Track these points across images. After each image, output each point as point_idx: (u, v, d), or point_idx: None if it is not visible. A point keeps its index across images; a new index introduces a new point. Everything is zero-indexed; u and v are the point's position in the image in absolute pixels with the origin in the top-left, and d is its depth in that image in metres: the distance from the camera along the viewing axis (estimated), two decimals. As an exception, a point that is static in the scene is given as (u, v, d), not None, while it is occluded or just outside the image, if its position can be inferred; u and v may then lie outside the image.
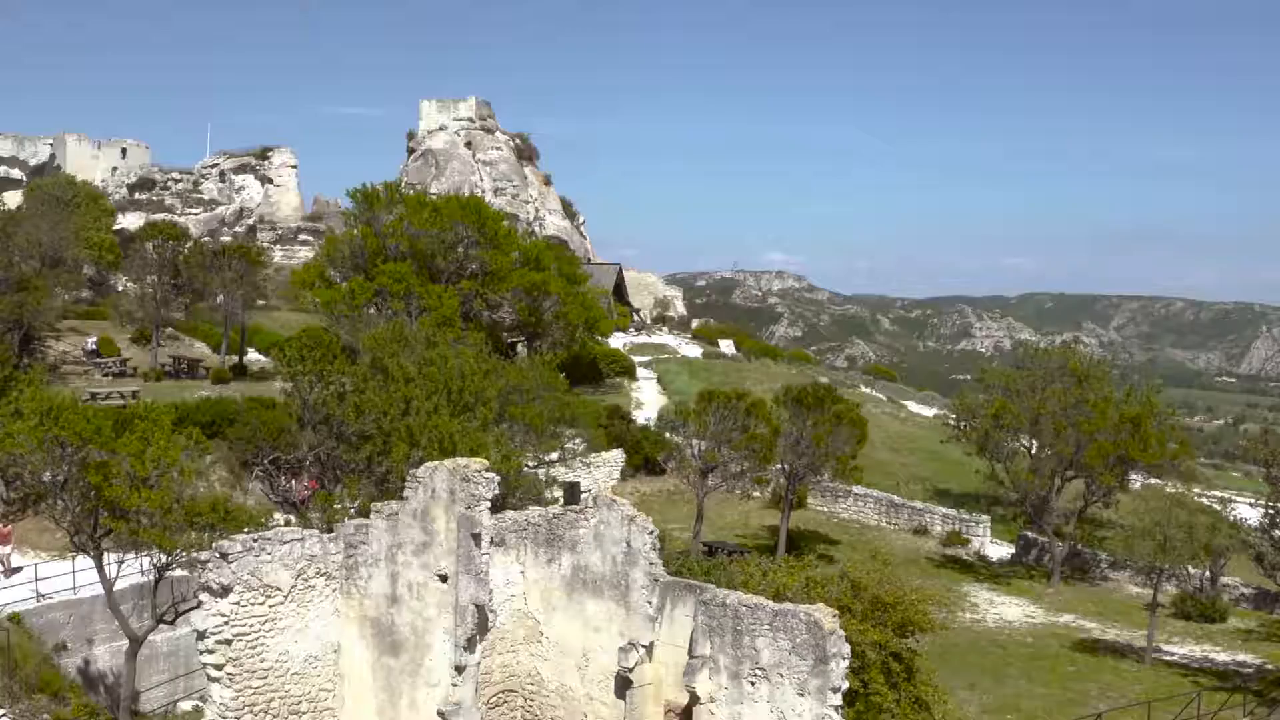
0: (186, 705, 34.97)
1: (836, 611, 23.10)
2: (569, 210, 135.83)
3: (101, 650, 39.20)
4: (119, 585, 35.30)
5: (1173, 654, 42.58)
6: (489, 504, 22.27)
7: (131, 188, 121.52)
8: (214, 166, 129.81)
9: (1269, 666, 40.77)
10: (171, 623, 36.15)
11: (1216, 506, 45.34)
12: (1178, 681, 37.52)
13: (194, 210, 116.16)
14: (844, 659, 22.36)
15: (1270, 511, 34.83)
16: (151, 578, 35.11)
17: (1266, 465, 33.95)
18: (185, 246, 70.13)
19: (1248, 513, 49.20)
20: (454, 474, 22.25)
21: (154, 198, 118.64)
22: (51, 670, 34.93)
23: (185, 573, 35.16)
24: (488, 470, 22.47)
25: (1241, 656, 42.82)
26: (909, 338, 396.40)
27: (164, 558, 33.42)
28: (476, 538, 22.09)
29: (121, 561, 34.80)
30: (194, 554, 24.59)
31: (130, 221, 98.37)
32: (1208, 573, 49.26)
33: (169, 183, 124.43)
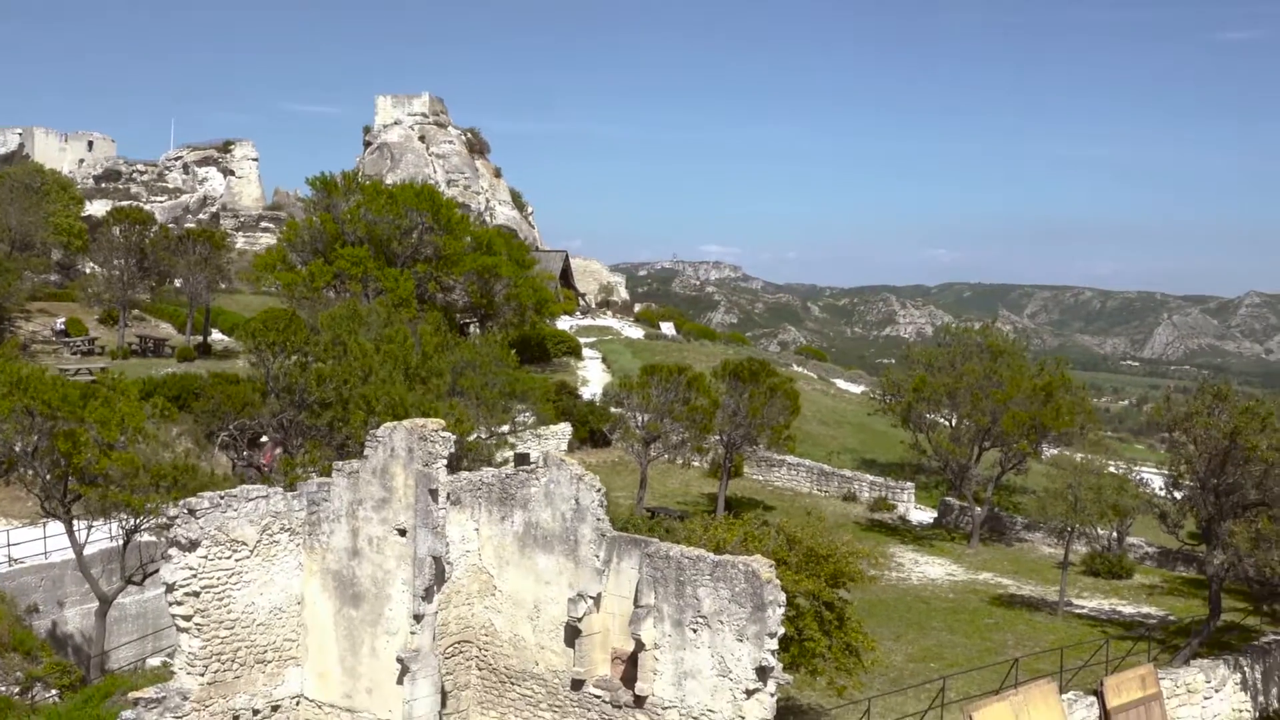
0: (155, 661, 34.59)
1: (773, 563, 23.21)
2: (518, 201, 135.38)
3: (72, 612, 38.74)
4: (88, 550, 34.91)
5: (1083, 607, 43.21)
6: (445, 462, 22.19)
7: (98, 179, 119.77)
8: (178, 159, 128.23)
9: (1171, 618, 41.51)
10: (140, 584, 35.80)
11: (1122, 471, 45.97)
12: (1087, 632, 38.10)
13: (159, 198, 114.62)
14: (780, 606, 22.47)
15: (1172, 473, 35.33)
16: (120, 542, 34.79)
17: (1169, 429, 34.41)
18: (151, 230, 69.20)
19: (1152, 478, 50.05)
20: (412, 433, 22.13)
21: (120, 187, 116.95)
22: (24, 631, 34.44)
23: (152, 537, 34.84)
24: (444, 430, 22.39)
25: (1145, 609, 43.57)
26: (837, 324, 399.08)
27: (132, 521, 33.10)
28: (434, 493, 22.00)
29: (91, 526, 34.42)
30: (162, 511, 24.27)
31: (97, 209, 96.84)
32: (1115, 533, 50.06)
33: (134, 174, 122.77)
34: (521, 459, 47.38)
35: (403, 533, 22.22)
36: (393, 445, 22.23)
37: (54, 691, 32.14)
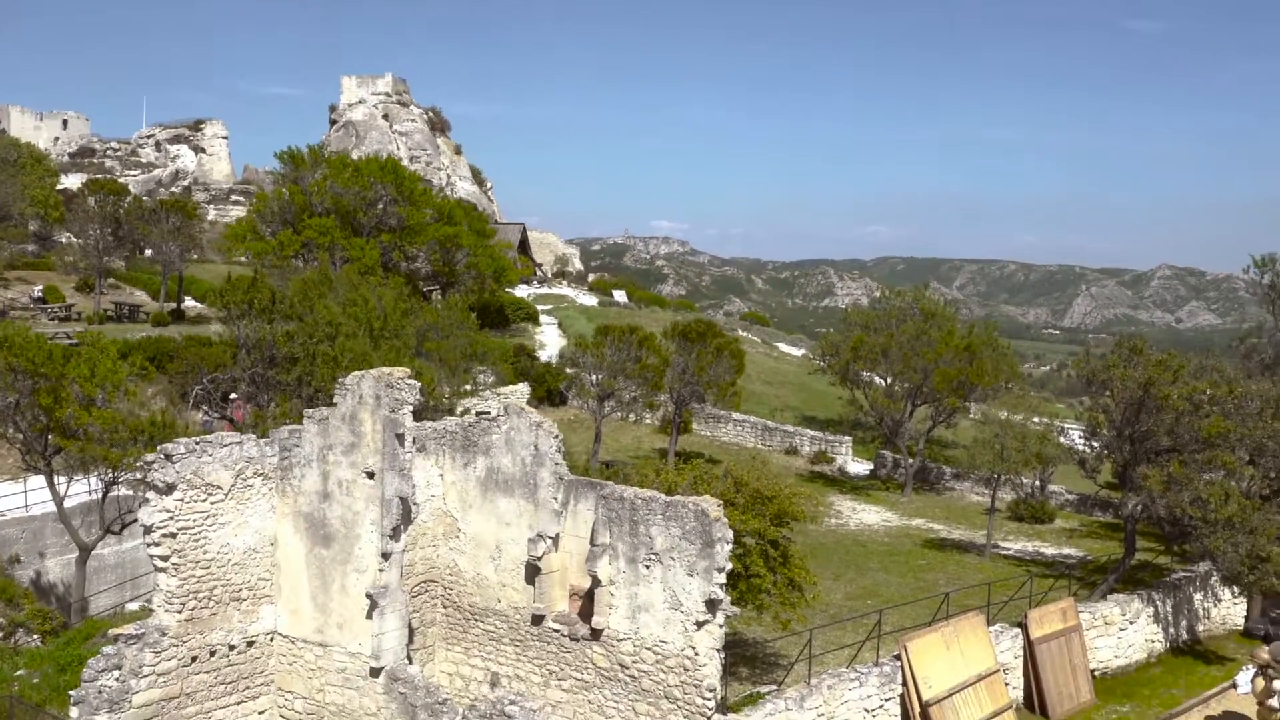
0: (134, 606, 34.25)
1: (721, 503, 23.31)
2: (478, 177, 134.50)
3: (53, 563, 38.31)
4: (68, 503, 34.55)
5: (1008, 549, 43.74)
6: (411, 408, 22.07)
7: (73, 156, 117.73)
8: (150, 137, 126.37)
9: (1089, 558, 42.10)
10: (118, 534, 35.44)
11: (1044, 424, 46.53)
12: (1012, 570, 38.55)
13: (133, 172, 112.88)
14: (728, 543, 22.58)
15: (1091, 422, 35.72)
16: (99, 495, 34.41)
17: (1089, 381, 34.79)
18: (125, 201, 68.05)
19: (1072, 431, 50.68)
20: (379, 381, 22.00)
21: (94, 162, 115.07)
22: (6, 580, 34.12)
23: (130, 491, 34.47)
24: (409, 378, 22.26)
25: (1066, 550, 44.15)
26: (779, 296, 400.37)
27: (111, 473, 32.72)
28: (400, 438, 21.89)
29: (70, 480, 34.01)
30: (140, 459, 24.01)
31: (72, 182, 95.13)
32: (1038, 481, 50.75)
33: (108, 151, 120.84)
34: (481, 416, 47.31)
35: (371, 475, 22.11)
36: (361, 393, 22.08)
37: (36, 636, 31.84)
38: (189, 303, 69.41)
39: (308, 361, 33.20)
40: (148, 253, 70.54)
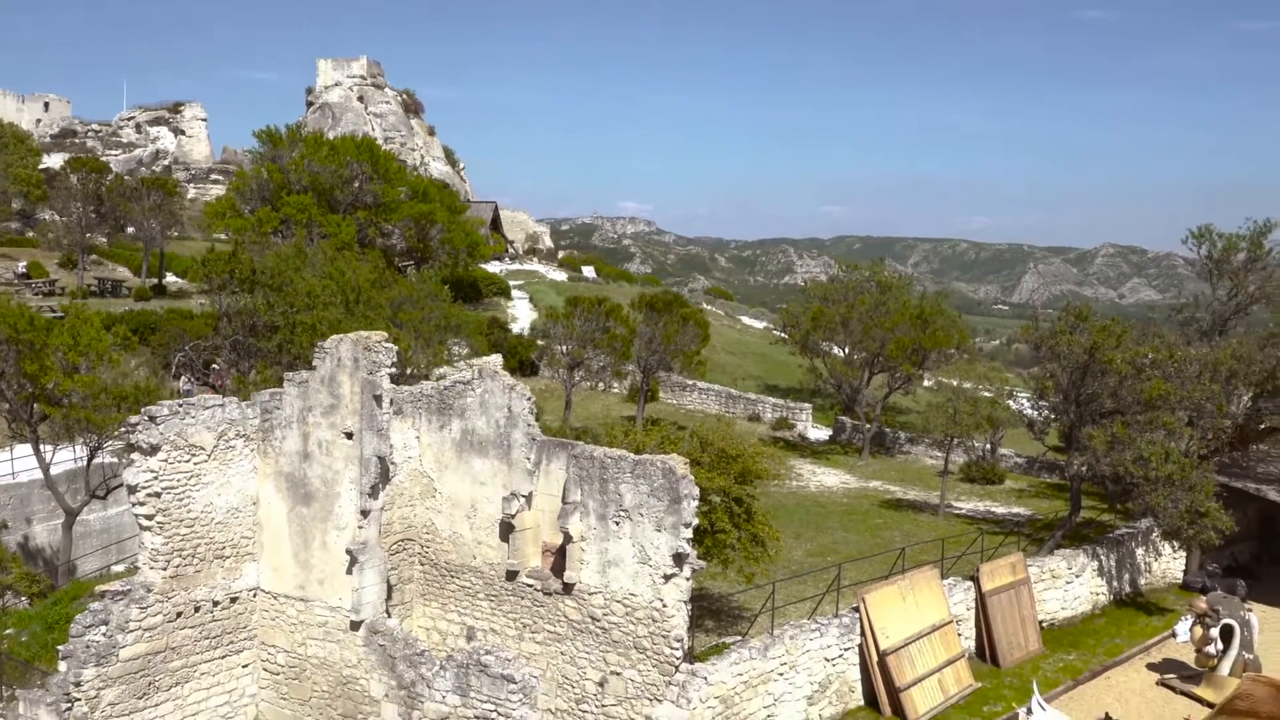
0: (119, 568, 33.98)
1: (688, 461, 23.35)
2: (451, 158, 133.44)
3: (39, 528, 37.98)
4: (54, 470, 34.20)
5: (961, 509, 44.02)
6: (388, 370, 21.94)
7: (55, 137, 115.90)
8: (130, 119, 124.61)
9: (1037, 516, 42.45)
10: (103, 498, 35.13)
11: (995, 391, 46.92)
12: (965, 528, 38.81)
13: (114, 152, 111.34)
14: (694, 499, 22.62)
15: (1039, 386, 35.98)
16: (84, 462, 34.08)
17: (1037, 347, 35.04)
18: (107, 179, 67.16)
19: (1020, 399, 51.05)
20: (357, 344, 21.84)
21: (76, 143, 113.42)
22: (-6, 545, 33.74)
23: (114, 459, 34.14)
24: (386, 341, 22.12)
25: (1015, 509, 44.50)
26: (741, 273, 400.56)
27: (96, 439, 32.40)
28: (378, 399, 21.76)
29: (56, 448, 33.67)
30: (125, 421, 23.78)
31: (54, 162, 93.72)
32: (988, 444, 51.09)
33: (89, 133, 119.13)
34: (457, 381, 47.12)
35: (350, 436, 21.98)
36: (339, 356, 21.93)
37: (24, 599, 31.57)
38: (170, 278, 68.73)
39: (287, 330, 32.91)
40: (129, 230, 69.62)
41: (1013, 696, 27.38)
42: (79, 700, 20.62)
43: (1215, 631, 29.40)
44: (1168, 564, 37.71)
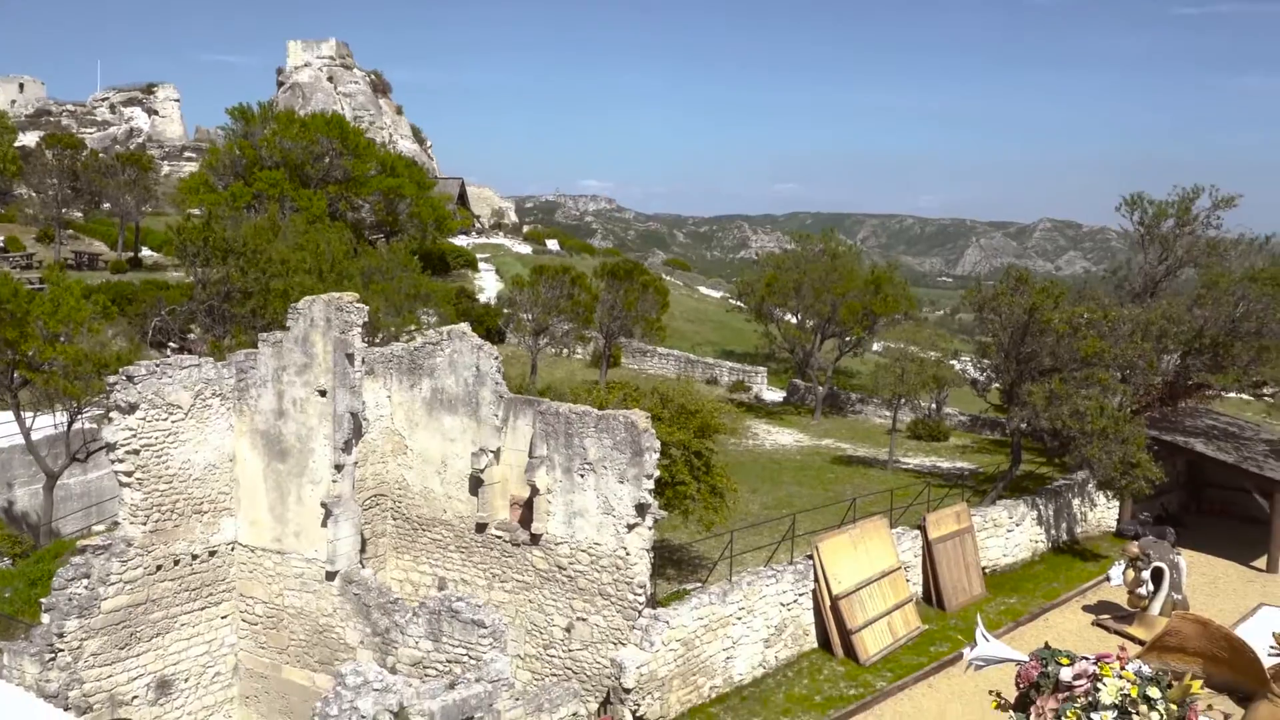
0: (100, 529, 33.58)
1: (649, 415, 23.34)
2: (418, 136, 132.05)
3: (21, 492, 37.35)
4: (35, 436, 33.61)
5: (908, 464, 44.34)
6: (359, 329, 21.74)
7: (30, 117, 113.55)
8: (104, 100, 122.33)
9: (980, 470, 42.85)
10: (84, 461, 34.64)
11: (939, 355, 47.22)
12: (912, 481, 39.09)
13: (89, 130, 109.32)
14: (655, 452, 22.64)
15: (981, 345, 36.24)
16: (64, 428, 33.56)
17: (979, 308, 35.26)
18: (82, 155, 65.96)
19: (965, 363, 51.47)
20: (329, 304, 21.61)
21: (51, 121, 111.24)
22: (-23, 507, 33.25)
23: (94, 425, 33.64)
24: (358, 301, 21.90)
25: (960, 464, 44.90)
26: (699, 248, 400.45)
27: (76, 405, 31.90)
28: (350, 357, 21.56)
29: (37, 414, 33.12)
30: (105, 382, 23.42)
31: (30, 140, 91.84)
32: (934, 403, 51.48)
33: (64, 114, 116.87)
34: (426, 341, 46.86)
35: (323, 393, 21.77)
36: (312, 316, 21.68)
37: (6, 559, 31.13)
38: (146, 252, 67.71)
39: (260, 295, 32.52)
40: (104, 206, 68.46)
41: (958, 637, 27.68)
42: (62, 651, 20.39)
43: (1146, 574, 29.84)
44: (1102, 513, 38.22)
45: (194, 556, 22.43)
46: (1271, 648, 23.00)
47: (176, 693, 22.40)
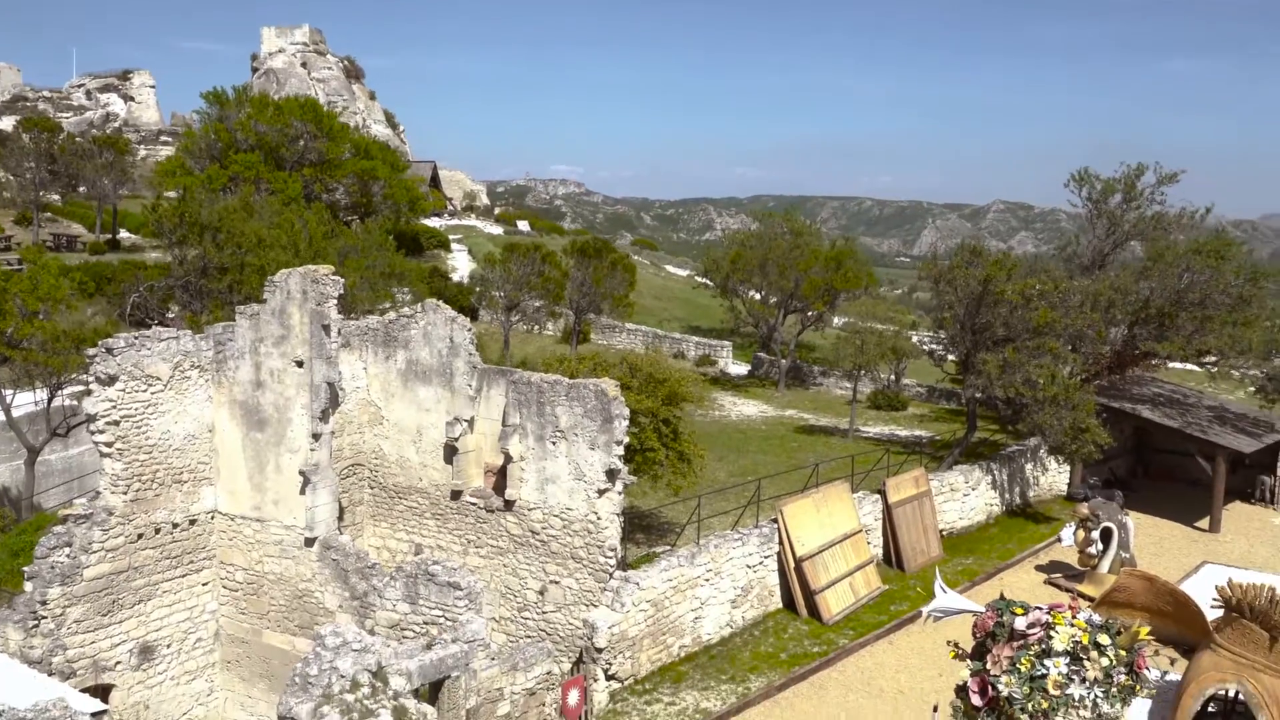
0: (81, 502, 33.13)
1: (618, 384, 23.29)
2: (391, 121, 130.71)
3: (2, 468, 36.83)
4: (16, 413, 33.16)
5: (868, 432, 44.50)
6: (335, 301, 21.51)
7: (5, 103, 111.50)
8: (80, 86, 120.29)
9: (937, 437, 43.09)
10: (64, 436, 34.21)
11: (897, 330, 47.40)
12: (872, 448, 39.22)
13: (65, 115, 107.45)
14: (624, 419, 22.59)
15: (938, 316, 36.33)
16: (44, 404, 33.11)
17: (935, 281, 35.33)
18: (59, 138, 64.85)
19: (923, 338, 51.64)
20: (305, 277, 21.37)
21: (27, 106, 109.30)
22: (-41, 483, 32.75)
23: (74, 402, 33.20)
24: (333, 274, 21.67)
25: (918, 432, 45.11)
26: (666, 231, 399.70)
27: (56, 380, 31.49)
28: (326, 328, 21.35)
29: (17, 390, 32.65)
30: (84, 361, 23.10)
31: (6, 124, 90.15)
32: (893, 374, 51.68)
33: (40, 99, 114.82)
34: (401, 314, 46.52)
35: (300, 364, 21.56)
36: (289, 288, 21.45)
37: (-10, 534, 30.72)
38: (124, 234, 66.74)
39: (237, 270, 32.12)
40: (80, 189, 67.37)
41: (917, 597, 27.87)
42: (45, 618, 20.17)
43: (1096, 534, 30.14)
44: (1054, 478, 38.56)
45: (174, 525, 22.21)
46: (1214, 601, 23.28)
47: (159, 658, 22.23)
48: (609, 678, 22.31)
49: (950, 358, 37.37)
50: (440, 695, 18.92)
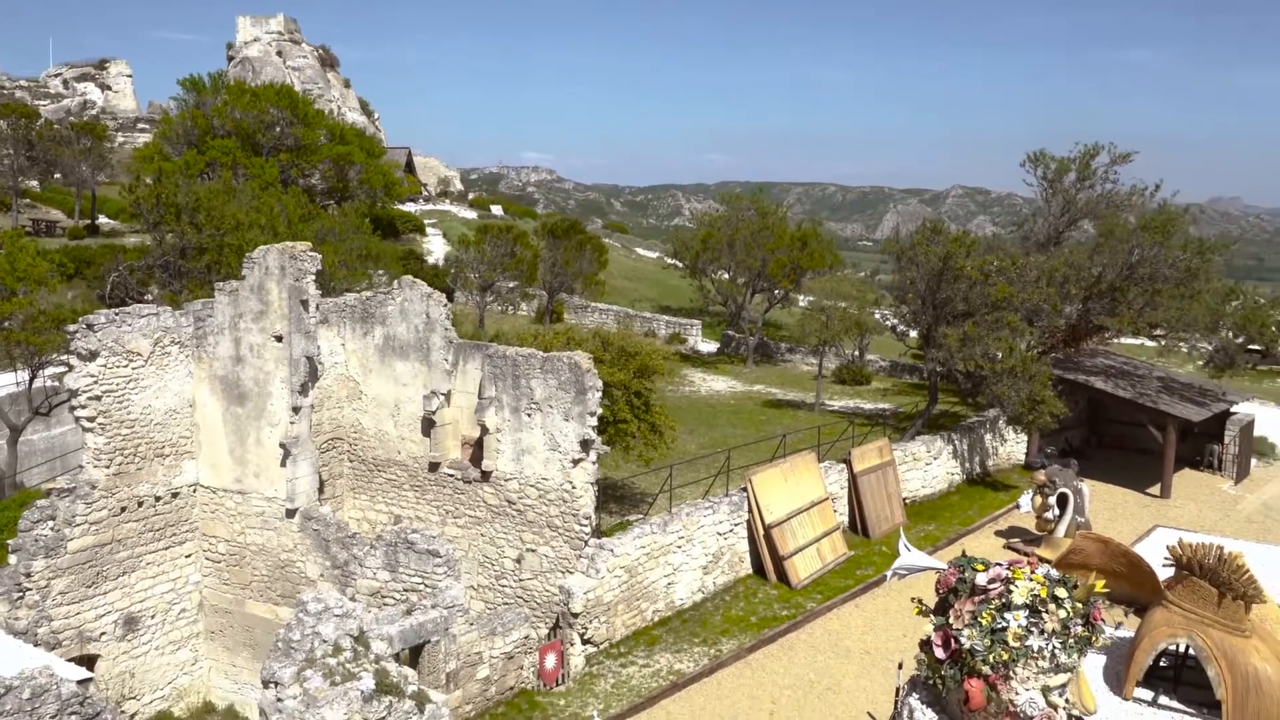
0: (64, 479, 32.72)
1: (591, 356, 23.22)
2: (366, 108, 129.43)
3: (-15, 447, 36.33)
4: (-1, 393, 32.70)
5: (833, 405, 44.58)
6: (313, 277, 21.30)
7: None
8: (57, 75, 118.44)
9: (900, 409, 43.30)
10: (46, 415, 33.72)
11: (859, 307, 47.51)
12: (838, 420, 39.38)
13: (42, 102, 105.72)
14: (598, 391, 22.53)
15: (900, 292, 36.42)
16: (26, 385, 32.61)
17: (897, 257, 35.42)
18: (37, 124, 63.78)
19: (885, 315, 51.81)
20: (283, 253, 21.13)
21: (4, 93, 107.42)
22: (-59, 462, 32.22)
23: (55, 383, 32.73)
24: (311, 250, 21.44)
25: (881, 405, 45.26)
26: (635, 216, 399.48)
27: (37, 359, 30.99)
28: (305, 303, 21.14)
29: (-3, 370, 32.19)
30: (65, 338, 22.75)
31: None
32: (857, 350, 51.86)
33: (17, 88, 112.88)
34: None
35: (279, 339, 21.35)
36: (267, 264, 21.21)
37: (-26, 514, 30.27)
38: (103, 220, 65.83)
39: (215, 251, 31.72)
40: (58, 176, 66.35)
41: (882, 562, 28.04)
42: (30, 590, 19.92)
43: (1053, 499, 30.39)
44: (1012, 447, 38.84)
45: (157, 498, 21.98)
46: (1165, 560, 23.54)
47: (143, 629, 22.03)
48: (585, 642, 22.32)
49: (912, 334, 37.52)
50: (421, 659, 18.89)
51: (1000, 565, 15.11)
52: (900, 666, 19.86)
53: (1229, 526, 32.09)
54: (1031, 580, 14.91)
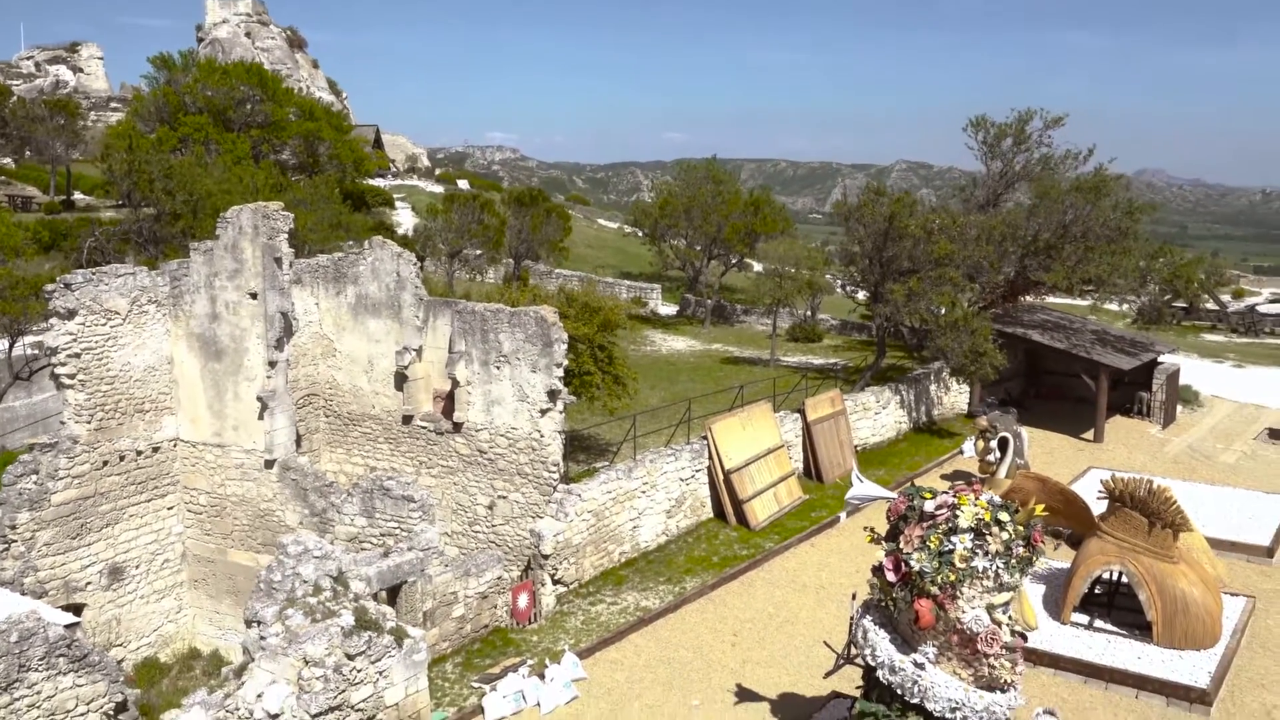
0: (45, 436, 32.11)
1: (557, 311, 23.06)
2: (334, 88, 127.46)
3: (-32, 414, 35.58)
4: (-22, 360, 31.98)
5: (788, 361, 44.59)
6: (285, 235, 20.93)
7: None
8: (29, 58, 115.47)
9: (850, 364, 43.47)
10: (27, 380, 33.08)
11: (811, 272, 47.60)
12: (792, 374, 39.45)
13: (15, 83, 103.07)
14: (563, 343, 22.41)
15: (848, 251, 36.47)
16: (5, 350, 31.96)
17: (845, 218, 35.44)
18: (10, 101, 62.14)
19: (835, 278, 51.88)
20: (257, 213, 20.75)
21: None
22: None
23: (35, 352, 32.08)
24: (283, 209, 21.05)
25: (833, 360, 45.37)
26: (596, 193, 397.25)
27: (15, 325, 30.37)
28: (278, 261, 20.79)
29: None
30: (43, 306, 22.24)
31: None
32: (809, 310, 51.99)
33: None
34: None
35: (254, 296, 21.02)
36: (241, 224, 20.81)
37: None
38: (78, 195, 64.41)
39: (190, 216, 31.13)
40: (28, 153, 64.73)
41: (835, 505, 28.17)
42: (15, 541, 19.57)
43: (994, 444, 30.66)
44: (955, 398, 39.15)
45: (138, 453, 21.64)
46: (1099, 495, 23.81)
47: (128, 578, 21.74)
48: (555, 582, 22.28)
49: (860, 295, 37.62)
50: (399, 599, 18.77)
51: (947, 493, 15.22)
52: (854, 597, 20.00)
53: (1157, 467, 32.60)
54: (976, 505, 15.05)
